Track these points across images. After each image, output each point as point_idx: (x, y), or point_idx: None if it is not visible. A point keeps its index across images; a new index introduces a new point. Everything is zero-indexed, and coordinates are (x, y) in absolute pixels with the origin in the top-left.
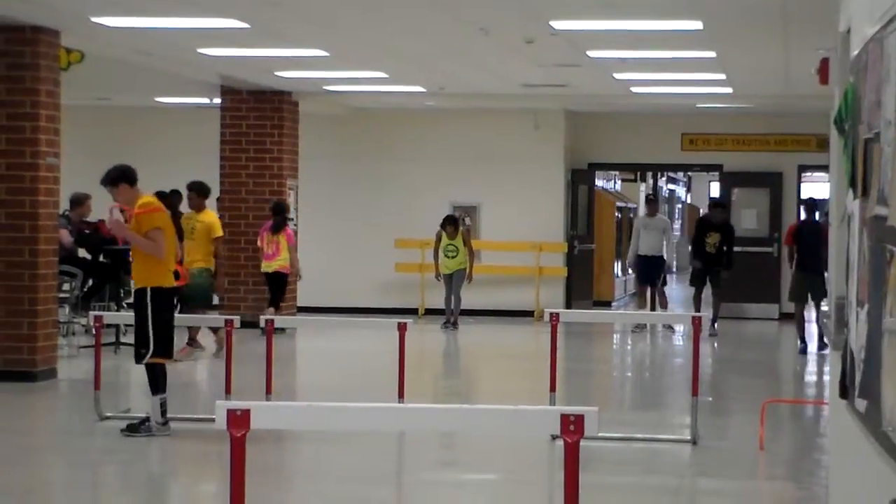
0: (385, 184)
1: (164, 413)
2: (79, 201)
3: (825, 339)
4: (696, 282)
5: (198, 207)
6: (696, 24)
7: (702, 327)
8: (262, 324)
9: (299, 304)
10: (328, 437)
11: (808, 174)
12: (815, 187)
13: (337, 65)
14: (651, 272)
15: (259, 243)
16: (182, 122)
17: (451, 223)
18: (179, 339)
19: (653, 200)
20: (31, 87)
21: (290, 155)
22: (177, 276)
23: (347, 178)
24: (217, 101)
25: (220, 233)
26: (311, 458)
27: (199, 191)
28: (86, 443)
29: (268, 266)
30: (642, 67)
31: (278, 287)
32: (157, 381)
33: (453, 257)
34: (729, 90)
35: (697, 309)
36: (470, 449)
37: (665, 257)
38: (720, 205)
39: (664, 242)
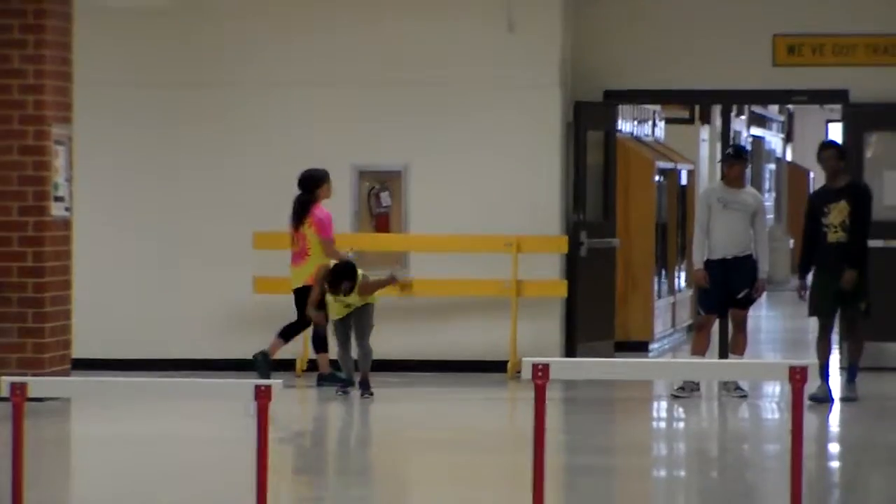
0: (233, 132)
1: None
2: None
3: None
4: (823, 307)
5: None
6: None
7: (824, 385)
8: (6, 391)
9: (78, 354)
10: None
11: None
12: None
13: None
14: (729, 288)
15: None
16: None
17: (343, 276)
18: None
19: (737, 156)
20: None
21: (58, 81)
22: None
23: (165, 121)
24: None
25: None
26: None
27: None
28: None
29: (294, 275)
30: None
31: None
32: None
33: (346, 305)
34: None
35: (824, 356)
36: None
37: (757, 259)
38: (833, 147)
39: (753, 234)
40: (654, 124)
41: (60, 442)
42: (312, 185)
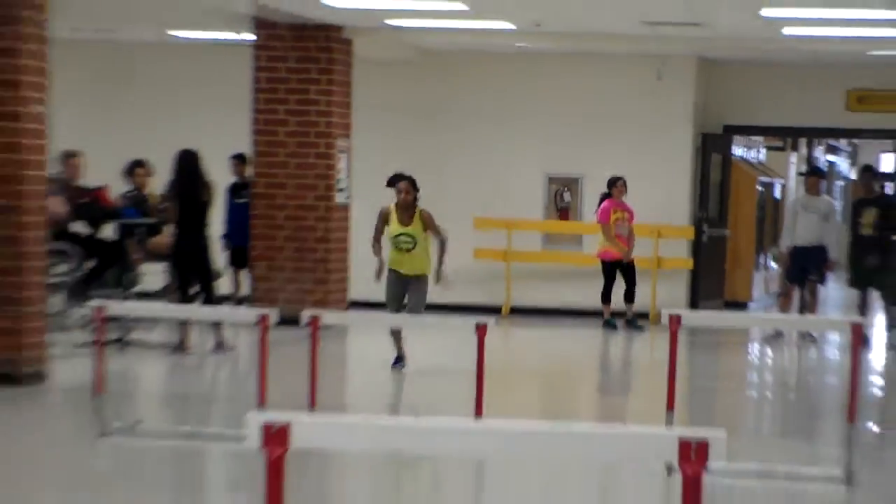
0: (462, 148)
1: None
2: (64, 159)
3: None
4: (857, 281)
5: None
6: None
7: (868, 337)
8: (305, 321)
9: (353, 297)
10: (386, 460)
11: None
12: None
13: None
14: (807, 267)
15: None
16: (202, 64)
17: (400, 178)
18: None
19: (816, 175)
20: (12, 14)
21: (341, 108)
22: None
23: (414, 140)
24: (248, 36)
25: None
26: (365, 487)
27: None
28: (84, 462)
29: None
30: (797, 2)
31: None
32: None
33: (408, 250)
34: None
35: (862, 315)
36: (563, 480)
37: (828, 247)
38: (869, 170)
39: (827, 229)
40: (758, 150)
41: (341, 356)
42: (608, 185)
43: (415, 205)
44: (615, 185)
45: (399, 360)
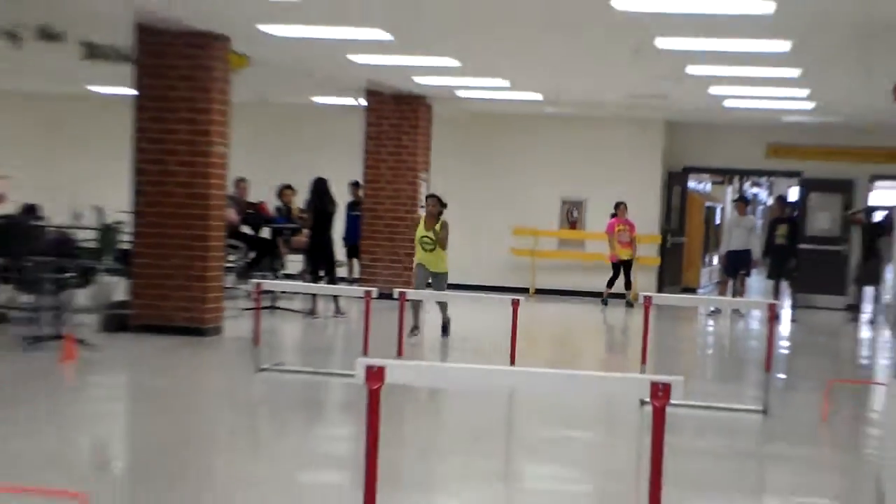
0: (504, 179)
1: None
2: (236, 183)
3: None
4: (772, 275)
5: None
6: (785, 46)
7: (779, 314)
8: (396, 295)
9: None
10: (450, 393)
11: (881, 183)
12: (887, 194)
13: (467, 73)
14: (738, 265)
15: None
16: (331, 120)
17: (435, 195)
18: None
19: (743, 202)
20: (206, 85)
21: (423, 151)
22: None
23: (472, 172)
24: (362, 102)
25: None
26: (433, 411)
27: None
28: (245, 391)
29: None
30: (734, 83)
31: None
32: None
33: (430, 249)
34: (812, 105)
35: (775, 298)
36: (569, 409)
37: (752, 251)
38: (781, 198)
39: (751, 239)
40: (705, 184)
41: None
42: (615, 207)
43: (439, 216)
44: (619, 207)
45: (444, 329)
